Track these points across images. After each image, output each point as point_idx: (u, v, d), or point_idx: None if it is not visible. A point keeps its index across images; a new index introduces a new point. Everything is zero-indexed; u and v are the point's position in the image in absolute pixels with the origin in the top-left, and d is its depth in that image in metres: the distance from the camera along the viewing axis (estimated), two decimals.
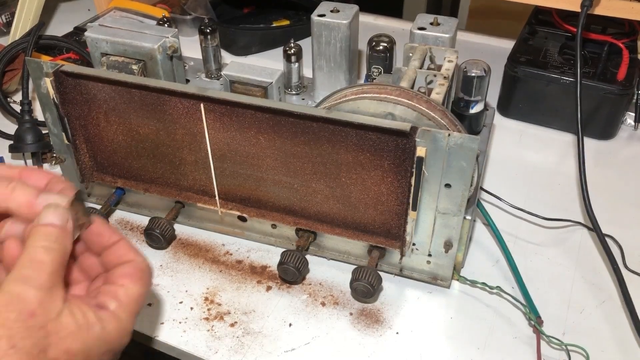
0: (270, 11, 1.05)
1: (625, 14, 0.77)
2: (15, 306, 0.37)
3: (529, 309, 0.58)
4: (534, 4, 0.86)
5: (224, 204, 0.65)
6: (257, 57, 1.00)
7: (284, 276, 0.61)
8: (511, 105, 0.84)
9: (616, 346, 0.56)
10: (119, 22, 0.71)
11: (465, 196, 0.54)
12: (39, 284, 0.38)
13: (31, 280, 0.38)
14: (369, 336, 0.57)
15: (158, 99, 0.59)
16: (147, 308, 0.60)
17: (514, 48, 0.85)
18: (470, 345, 0.57)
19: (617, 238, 0.66)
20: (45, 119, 0.65)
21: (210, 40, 0.79)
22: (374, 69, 0.76)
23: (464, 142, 0.51)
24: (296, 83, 0.79)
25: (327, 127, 0.54)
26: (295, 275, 0.60)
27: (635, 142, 0.82)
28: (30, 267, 0.39)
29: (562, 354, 0.56)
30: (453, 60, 0.64)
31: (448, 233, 0.57)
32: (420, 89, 0.62)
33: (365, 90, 0.56)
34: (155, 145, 0.63)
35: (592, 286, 0.62)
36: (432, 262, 0.60)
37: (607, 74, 0.79)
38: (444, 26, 0.70)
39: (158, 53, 0.67)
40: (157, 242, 0.64)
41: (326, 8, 0.75)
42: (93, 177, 0.69)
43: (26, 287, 0.38)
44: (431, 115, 0.54)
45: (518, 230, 0.68)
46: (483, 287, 0.61)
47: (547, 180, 0.76)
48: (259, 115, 0.56)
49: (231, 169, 0.62)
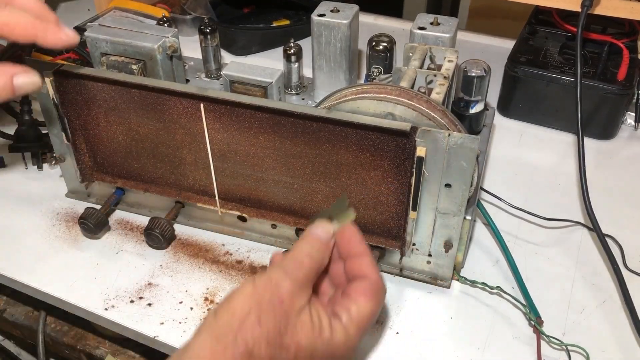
0: (270, 11, 1.05)
1: (625, 14, 0.77)
2: (271, 289, 0.43)
3: (529, 309, 0.58)
4: (534, 4, 0.86)
5: (223, 204, 0.65)
6: (257, 57, 1.00)
7: None
8: (511, 105, 0.84)
9: (616, 346, 0.56)
10: (119, 22, 0.71)
11: (465, 196, 0.54)
12: (294, 279, 0.44)
13: (290, 273, 0.44)
14: (369, 336, 0.57)
15: (158, 99, 0.59)
16: (148, 308, 0.60)
17: (514, 48, 0.85)
18: (470, 345, 0.57)
19: (617, 238, 0.66)
20: (45, 119, 0.65)
21: (210, 40, 0.79)
22: (374, 68, 0.76)
23: (464, 142, 0.51)
24: (296, 83, 0.79)
25: (327, 127, 0.54)
26: None
27: (636, 142, 0.82)
28: (293, 264, 0.45)
29: (562, 354, 0.56)
30: (453, 60, 0.64)
31: (448, 233, 0.57)
32: (421, 89, 0.62)
33: (365, 90, 0.56)
34: (155, 145, 0.63)
35: (592, 286, 0.62)
36: (432, 262, 0.60)
37: (607, 74, 0.79)
38: (444, 26, 0.70)
39: (158, 53, 0.67)
40: (157, 242, 0.64)
41: (326, 8, 0.75)
42: (93, 177, 0.69)
43: (284, 277, 0.44)
44: (431, 115, 0.54)
45: (518, 230, 0.68)
46: (483, 287, 0.60)
47: (547, 180, 0.76)
48: (259, 115, 0.56)
49: (231, 169, 0.62)
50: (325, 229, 0.48)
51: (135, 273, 0.63)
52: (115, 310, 0.59)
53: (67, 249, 0.66)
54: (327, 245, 0.48)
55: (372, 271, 0.47)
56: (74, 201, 0.72)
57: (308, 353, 0.43)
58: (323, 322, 0.44)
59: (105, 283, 0.62)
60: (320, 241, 0.48)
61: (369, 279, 0.47)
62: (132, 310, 0.59)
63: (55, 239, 0.67)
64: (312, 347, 0.43)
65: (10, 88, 0.50)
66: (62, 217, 0.70)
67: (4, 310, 0.73)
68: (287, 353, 0.42)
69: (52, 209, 0.71)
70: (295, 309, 0.43)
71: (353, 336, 0.45)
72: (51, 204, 0.72)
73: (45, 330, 0.71)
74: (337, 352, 0.44)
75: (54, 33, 0.51)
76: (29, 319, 0.72)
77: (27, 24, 0.50)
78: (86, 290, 0.61)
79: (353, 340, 0.45)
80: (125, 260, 0.65)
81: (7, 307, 0.73)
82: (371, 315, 0.46)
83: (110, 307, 0.60)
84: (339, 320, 0.45)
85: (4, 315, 0.72)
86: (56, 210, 0.71)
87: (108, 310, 0.59)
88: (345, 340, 0.44)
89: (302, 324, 0.43)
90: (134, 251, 0.66)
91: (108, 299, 0.61)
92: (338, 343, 0.44)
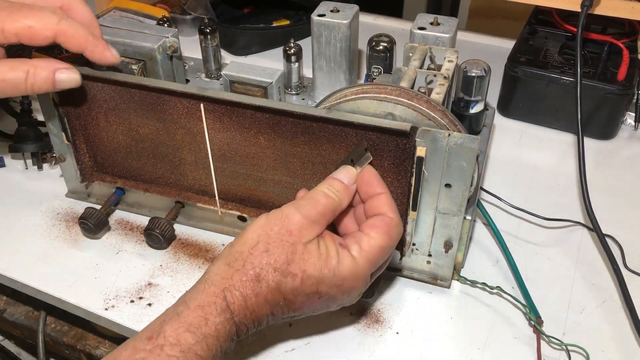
0: (270, 11, 1.05)
1: (625, 14, 0.77)
2: (281, 222, 0.47)
3: (529, 309, 0.58)
4: (534, 4, 0.86)
5: (223, 204, 0.65)
6: (257, 57, 1.00)
7: None
8: (511, 105, 0.84)
9: (616, 346, 0.56)
10: (119, 22, 0.71)
11: (465, 196, 0.54)
12: (305, 214, 0.47)
13: (302, 208, 0.47)
14: (369, 336, 0.57)
15: (158, 99, 0.59)
16: (148, 308, 0.60)
17: (514, 48, 0.85)
18: (470, 345, 0.57)
19: (617, 238, 0.66)
20: (45, 118, 0.65)
21: (210, 40, 0.79)
22: (374, 68, 0.76)
23: (464, 142, 0.51)
24: (296, 83, 0.79)
25: (327, 127, 0.54)
26: None
27: (636, 142, 0.82)
28: (307, 201, 0.48)
29: (562, 354, 0.56)
30: (453, 60, 0.64)
31: (448, 233, 0.57)
32: (421, 89, 0.62)
33: (365, 90, 0.56)
34: (155, 145, 0.63)
35: (592, 286, 0.62)
36: (432, 262, 0.60)
37: (607, 74, 0.79)
38: (444, 26, 0.70)
39: (158, 53, 0.67)
40: (157, 242, 0.64)
41: (326, 8, 0.75)
42: (93, 177, 0.69)
43: (295, 212, 0.47)
44: (431, 115, 0.54)
45: (518, 230, 0.68)
46: (483, 287, 0.60)
47: (547, 180, 0.76)
48: (259, 115, 0.56)
49: (231, 169, 0.62)
50: (347, 172, 0.51)
51: (135, 273, 0.63)
52: (115, 310, 0.59)
53: (67, 249, 0.66)
54: (347, 187, 0.50)
55: (388, 209, 0.49)
56: (74, 201, 0.72)
57: (314, 280, 0.46)
58: (331, 252, 0.47)
59: (105, 283, 0.62)
60: (341, 183, 0.50)
61: (383, 215, 0.49)
62: (132, 310, 0.59)
63: (55, 239, 0.67)
64: (318, 275, 0.46)
65: (51, 81, 0.55)
66: (62, 217, 0.70)
67: (4, 310, 0.73)
68: (293, 279, 0.45)
69: (52, 209, 0.71)
70: (302, 241, 0.46)
71: (361, 267, 0.47)
72: (51, 204, 0.72)
73: (45, 330, 0.71)
74: (345, 282, 0.46)
75: (101, 50, 0.57)
76: (29, 319, 0.72)
77: (82, 37, 0.55)
78: (86, 290, 0.61)
79: (361, 271, 0.47)
80: (125, 260, 0.65)
81: (7, 307, 0.73)
82: (381, 248, 0.48)
83: (110, 307, 0.60)
84: (347, 251, 0.47)
85: (4, 315, 0.72)
86: (56, 210, 0.71)
87: (108, 310, 0.59)
88: (353, 269, 0.46)
89: (309, 254, 0.46)
90: (134, 251, 0.66)
91: (108, 299, 0.61)
92: (345, 272, 0.46)
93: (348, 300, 0.50)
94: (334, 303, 0.50)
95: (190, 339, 0.43)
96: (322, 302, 0.48)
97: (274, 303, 0.47)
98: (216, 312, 0.45)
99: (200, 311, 0.45)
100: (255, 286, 0.46)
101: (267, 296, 0.46)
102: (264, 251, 0.46)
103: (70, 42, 0.55)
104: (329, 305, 0.50)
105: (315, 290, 0.47)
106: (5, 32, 0.52)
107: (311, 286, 0.46)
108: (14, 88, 0.54)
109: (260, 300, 0.46)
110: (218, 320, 0.45)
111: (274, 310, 0.47)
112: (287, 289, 0.46)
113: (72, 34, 0.54)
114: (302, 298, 0.47)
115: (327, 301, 0.49)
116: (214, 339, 0.44)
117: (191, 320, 0.44)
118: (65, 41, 0.55)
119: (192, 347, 0.43)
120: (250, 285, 0.46)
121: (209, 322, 0.44)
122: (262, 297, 0.46)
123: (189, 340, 0.43)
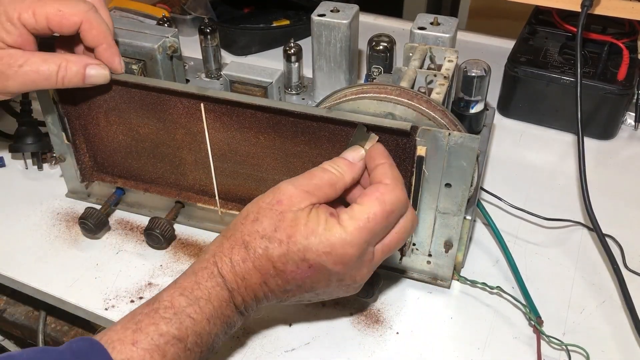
0: (270, 11, 1.05)
1: (626, 14, 0.77)
2: (273, 194, 0.48)
3: (529, 308, 0.58)
4: (534, 4, 0.86)
5: (224, 204, 0.65)
6: (257, 57, 1.00)
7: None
8: (511, 105, 0.84)
9: (616, 346, 0.56)
10: (119, 22, 0.71)
11: (465, 196, 0.54)
12: (298, 185, 0.48)
13: (295, 181, 0.48)
14: (369, 336, 0.57)
15: (158, 99, 0.59)
16: None
17: (514, 48, 0.85)
18: (470, 345, 0.57)
19: (617, 238, 0.66)
20: (45, 118, 0.65)
21: (210, 40, 0.79)
22: (374, 68, 0.76)
23: (464, 142, 0.51)
24: (296, 83, 0.79)
25: (328, 127, 0.54)
26: None
27: (636, 142, 0.82)
28: (304, 175, 0.49)
29: (562, 354, 0.56)
30: (453, 60, 0.64)
31: (448, 233, 0.57)
32: (421, 89, 0.62)
33: (365, 90, 0.56)
34: (155, 145, 0.63)
35: (592, 286, 0.62)
36: (432, 262, 0.60)
37: (607, 74, 0.79)
38: (444, 26, 0.70)
39: (158, 53, 0.67)
40: (157, 242, 0.64)
41: (326, 8, 0.75)
42: (93, 177, 0.69)
43: (288, 184, 0.48)
44: (431, 115, 0.54)
45: (518, 230, 0.68)
46: (483, 287, 0.60)
47: (548, 180, 0.76)
48: (259, 114, 0.56)
49: (231, 169, 0.62)
50: (353, 150, 0.51)
51: (135, 273, 0.63)
52: (115, 310, 0.59)
53: (67, 249, 0.66)
54: (350, 163, 0.50)
55: (384, 177, 0.48)
56: (74, 201, 0.72)
57: (301, 247, 0.46)
58: (320, 219, 0.46)
59: (105, 283, 0.62)
60: (343, 159, 0.50)
61: (380, 184, 0.48)
62: None
63: (55, 239, 0.67)
64: (304, 241, 0.46)
65: (82, 76, 0.57)
66: (62, 217, 0.70)
67: (4, 310, 0.73)
68: (279, 245, 0.46)
69: (52, 209, 0.71)
70: (292, 209, 0.46)
71: (350, 233, 0.46)
72: (51, 204, 0.72)
73: (45, 330, 0.71)
74: (334, 249, 0.46)
75: (112, 54, 0.58)
76: (29, 319, 0.72)
77: (103, 32, 0.57)
78: (86, 290, 0.61)
79: (350, 238, 0.46)
80: (125, 260, 0.65)
81: (7, 307, 0.73)
82: (374, 214, 0.46)
83: (110, 307, 0.60)
84: (336, 219, 0.46)
85: (4, 315, 0.72)
86: (56, 210, 0.71)
87: (108, 310, 0.59)
88: (342, 235, 0.46)
89: (297, 221, 0.46)
90: (134, 251, 0.66)
91: (108, 298, 0.61)
92: (332, 238, 0.46)
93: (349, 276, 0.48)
94: (332, 279, 0.48)
95: (183, 301, 0.45)
96: (316, 274, 0.47)
97: (264, 271, 0.47)
98: (207, 277, 0.47)
99: (193, 276, 0.47)
100: (243, 252, 0.47)
101: (255, 262, 0.47)
102: (253, 220, 0.47)
103: (91, 33, 0.56)
104: (328, 282, 0.48)
105: (303, 257, 0.46)
106: (37, 15, 0.54)
107: (298, 252, 0.46)
108: (45, 80, 0.56)
109: (249, 266, 0.47)
110: (209, 284, 0.47)
111: (267, 280, 0.47)
112: (275, 256, 0.46)
113: (95, 25, 0.56)
114: (291, 267, 0.46)
115: (322, 274, 0.47)
116: (206, 302, 0.46)
117: (185, 285, 0.47)
118: (87, 30, 0.56)
119: (184, 309, 0.45)
120: (238, 251, 0.47)
121: (201, 285, 0.46)
122: (250, 263, 0.47)
123: (182, 303, 0.45)
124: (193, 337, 0.45)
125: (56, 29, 0.55)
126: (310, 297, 0.51)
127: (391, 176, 0.49)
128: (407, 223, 0.49)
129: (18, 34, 0.55)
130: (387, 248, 0.50)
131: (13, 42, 0.55)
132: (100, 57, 0.58)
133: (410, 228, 0.50)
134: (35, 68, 0.55)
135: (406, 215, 0.49)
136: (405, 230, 0.50)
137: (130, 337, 0.44)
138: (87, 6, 0.56)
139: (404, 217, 0.49)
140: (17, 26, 0.54)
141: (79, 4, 0.55)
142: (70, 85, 0.57)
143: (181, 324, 0.45)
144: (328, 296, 0.51)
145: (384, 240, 0.49)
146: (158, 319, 0.44)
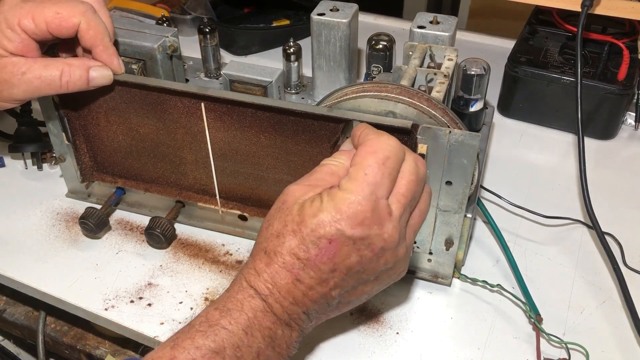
0: (270, 11, 1.05)
1: (626, 14, 0.77)
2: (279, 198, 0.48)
3: (529, 307, 0.58)
4: (534, 4, 0.86)
5: (224, 203, 0.65)
6: (257, 56, 1.00)
7: None
8: (512, 105, 0.84)
9: (616, 346, 0.56)
10: (118, 21, 0.71)
11: (466, 194, 0.54)
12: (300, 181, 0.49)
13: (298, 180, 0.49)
14: (369, 336, 0.57)
15: (158, 99, 0.59)
16: (148, 308, 0.60)
17: (515, 48, 0.85)
18: (470, 344, 0.56)
19: (617, 236, 0.66)
20: (45, 118, 0.65)
21: (209, 39, 0.79)
22: (374, 67, 0.76)
23: (464, 139, 0.51)
24: (296, 82, 0.79)
25: (328, 125, 0.54)
26: None
27: (636, 142, 0.82)
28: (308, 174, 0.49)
29: (562, 352, 0.55)
30: (453, 59, 0.64)
31: (449, 231, 0.57)
32: (421, 88, 0.62)
33: (366, 88, 0.56)
34: (156, 145, 0.63)
35: (592, 286, 0.62)
36: (433, 260, 0.60)
37: (607, 74, 0.79)
38: (443, 25, 0.70)
39: (158, 52, 0.67)
40: (158, 242, 0.64)
41: (326, 7, 0.75)
42: (93, 177, 0.69)
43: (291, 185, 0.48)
44: (432, 113, 0.54)
45: (518, 229, 0.68)
46: (484, 285, 0.60)
47: (548, 179, 0.76)
48: (260, 114, 0.56)
49: (232, 168, 0.62)
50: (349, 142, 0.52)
51: (135, 273, 0.63)
52: (115, 310, 0.59)
53: (67, 249, 0.66)
54: (349, 152, 0.50)
55: (369, 135, 0.48)
56: (74, 201, 0.72)
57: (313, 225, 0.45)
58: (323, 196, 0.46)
59: (105, 283, 0.62)
60: (341, 151, 0.51)
61: (366, 140, 0.48)
62: (132, 310, 0.59)
63: (55, 239, 0.67)
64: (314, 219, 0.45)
65: (85, 79, 0.57)
66: (62, 217, 0.70)
67: (4, 310, 0.72)
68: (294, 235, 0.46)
69: (52, 209, 0.71)
70: (298, 202, 0.47)
71: (354, 191, 0.45)
72: (51, 204, 0.71)
73: (45, 330, 0.70)
74: (343, 211, 0.45)
75: (110, 55, 0.58)
76: (29, 319, 0.72)
77: (100, 33, 0.56)
78: (86, 290, 0.61)
79: (356, 195, 0.44)
80: (125, 260, 0.65)
81: (7, 307, 0.73)
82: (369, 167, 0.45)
83: (110, 307, 0.60)
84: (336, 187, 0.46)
85: (4, 315, 0.72)
86: (56, 210, 0.71)
87: (108, 310, 0.59)
88: (346, 196, 0.45)
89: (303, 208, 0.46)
90: (134, 251, 0.66)
91: (108, 299, 0.60)
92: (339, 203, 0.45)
93: (378, 239, 0.45)
94: (363, 250, 0.46)
95: (217, 314, 0.45)
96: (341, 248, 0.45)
97: (290, 267, 0.45)
98: (237, 289, 0.47)
99: (226, 293, 0.47)
100: (265, 258, 0.47)
101: (279, 262, 0.46)
102: (266, 227, 0.48)
103: (88, 34, 0.56)
104: (360, 257, 0.46)
105: (319, 234, 0.45)
106: (36, 20, 0.54)
107: (312, 233, 0.45)
108: (48, 86, 0.56)
109: (275, 268, 0.46)
110: (240, 296, 0.46)
111: (298, 276, 0.46)
112: (293, 247, 0.45)
113: (93, 26, 0.56)
114: (313, 250, 0.45)
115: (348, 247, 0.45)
116: (240, 313, 0.45)
117: (219, 300, 0.47)
118: (85, 31, 0.56)
119: (218, 320, 0.45)
120: (260, 259, 0.47)
121: (232, 298, 0.46)
122: (274, 265, 0.46)
123: (215, 316, 0.45)
124: (231, 350, 0.44)
125: (56, 32, 0.55)
126: (360, 288, 0.48)
127: (374, 132, 0.49)
128: (410, 164, 0.48)
129: (19, 40, 0.54)
130: (403, 197, 0.47)
131: (15, 49, 0.55)
132: (99, 59, 0.58)
133: (414, 167, 0.48)
134: (38, 74, 0.55)
135: (407, 158, 0.48)
136: (411, 171, 0.47)
137: (168, 353, 0.44)
138: (85, 7, 0.55)
139: (406, 161, 0.48)
140: (18, 33, 0.54)
141: (77, 5, 0.55)
142: (75, 89, 0.57)
143: (216, 336, 0.44)
144: (379, 282, 0.49)
145: (395, 190, 0.47)
146: (193, 333, 0.44)
